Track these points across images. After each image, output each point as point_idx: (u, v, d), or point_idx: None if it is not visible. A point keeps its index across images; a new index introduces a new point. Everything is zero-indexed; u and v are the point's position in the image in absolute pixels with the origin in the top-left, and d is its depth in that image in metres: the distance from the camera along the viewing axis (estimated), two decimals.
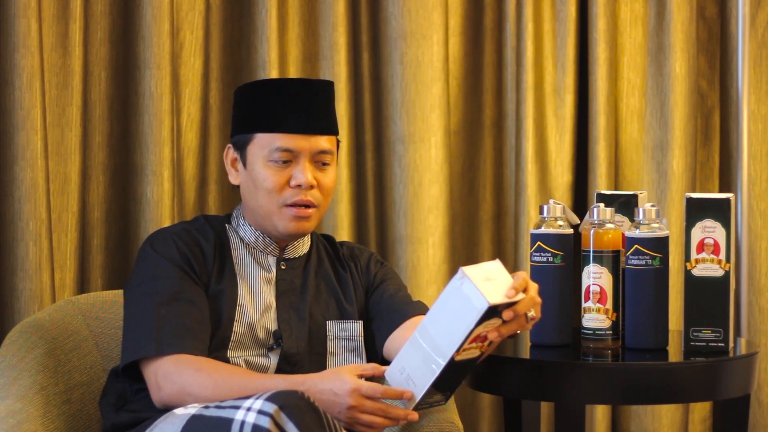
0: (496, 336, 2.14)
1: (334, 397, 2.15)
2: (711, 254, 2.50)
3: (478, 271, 2.10)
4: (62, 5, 2.84)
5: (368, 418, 2.15)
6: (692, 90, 3.24)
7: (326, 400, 2.14)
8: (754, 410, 3.27)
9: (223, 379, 2.22)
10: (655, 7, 3.26)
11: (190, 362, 2.24)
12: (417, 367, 2.13)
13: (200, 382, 2.21)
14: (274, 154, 2.36)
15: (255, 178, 2.38)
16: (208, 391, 2.20)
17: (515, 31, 3.25)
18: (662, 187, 3.24)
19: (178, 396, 2.22)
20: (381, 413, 2.16)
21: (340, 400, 2.14)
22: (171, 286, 2.32)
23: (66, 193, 2.85)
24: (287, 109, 2.37)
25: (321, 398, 2.14)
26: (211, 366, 2.25)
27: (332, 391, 2.15)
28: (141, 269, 2.37)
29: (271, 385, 2.15)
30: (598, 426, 3.24)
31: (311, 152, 2.38)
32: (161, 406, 2.24)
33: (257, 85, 2.44)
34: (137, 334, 2.28)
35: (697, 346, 2.51)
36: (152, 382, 2.25)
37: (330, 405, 2.14)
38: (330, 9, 3.10)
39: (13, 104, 2.73)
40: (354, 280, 2.50)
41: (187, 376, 2.23)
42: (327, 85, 2.44)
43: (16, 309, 2.74)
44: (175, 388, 2.22)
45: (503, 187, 3.31)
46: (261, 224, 2.43)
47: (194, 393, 2.21)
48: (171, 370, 2.23)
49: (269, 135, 2.37)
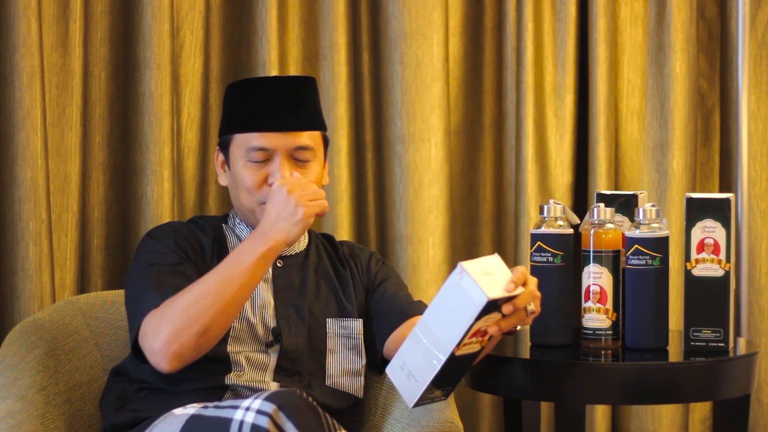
0: (496, 330, 2.14)
1: (281, 207, 2.25)
2: (711, 254, 2.50)
3: (477, 266, 2.10)
4: (62, 5, 2.85)
5: (312, 196, 2.26)
6: (692, 90, 3.24)
7: (277, 217, 2.24)
8: (754, 410, 3.27)
9: (197, 284, 2.23)
10: (655, 7, 3.26)
11: (165, 303, 2.23)
12: (418, 362, 2.13)
13: (180, 302, 2.21)
14: (251, 154, 2.38)
15: (236, 179, 2.41)
16: (191, 302, 2.20)
17: (515, 31, 3.25)
18: (662, 187, 3.24)
19: (173, 334, 2.19)
20: (317, 195, 2.27)
21: (284, 202, 2.24)
22: (168, 261, 2.34)
23: (66, 193, 2.85)
24: (261, 107, 2.39)
25: (275, 221, 2.24)
26: (184, 290, 2.25)
27: (275, 208, 2.25)
28: (138, 257, 2.39)
29: (238, 254, 2.24)
30: (598, 426, 3.24)
31: (287, 149, 2.39)
32: (171, 366, 2.21)
33: (235, 85, 2.47)
34: (141, 302, 2.28)
35: (697, 346, 2.51)
36: (148, 351, 2.23)
37: (284, 217, 2.24)
38: (330, 9, 3.10)
39: (13, 104, 2.73)
40: (354, 279, 2.51)
41: (169, 310, 2.21)
42: (305, 81, 2.45)
43: (16, 309, 2.74)
44: (166, 330, 2.20)
45: (503, 187, 3.31)
46: (250, 223, 2.44)
47: (184, 314, 2.19)
48: (155, 320, 2.22)
49: (246, 135, 2.39)
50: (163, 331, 2.21)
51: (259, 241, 2.25)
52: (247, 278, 2.24)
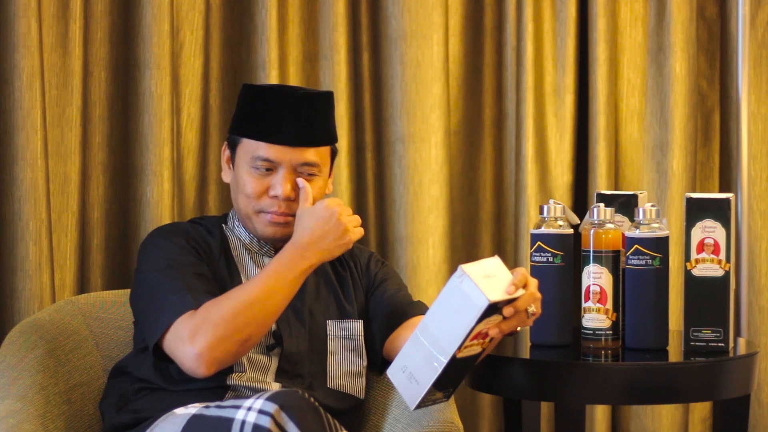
0: (497, 332, 2.14)
1: (329, 228, 2.29)
2: (711, 254, 2.50)
3: (478, 268, 2.10)
4: (62, 5, 2.84)
5: (356, 222, 2.32)
6: (692, 90, 3.24)
7: (323, 237, 2.29)
8: (754, 410, 3.27)
9: (239, 292, 2.25)
10: (655, 7, 3.26)
11: (204, 306, 2.24)
12: (419, 365, 2.13)
13: (224, 309, 2.22)
14: (256, 162, 2.38)
15: (238, 181, 2.41)
16: (234, 311, 2.22)
17: (515, 31, 3.25)
18: (662, 187, 3.24)
19: (217, 340, 2.20)
20: (359, 221, 2.34)
21: (334, 225, 2.29)
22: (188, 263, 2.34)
23: (66, 193, 2.85)
24: (275, 119, 2.37)
25: (320, 239, 2.29)
26: (222, 296, 2.27)
27: (322, 228, 2.29)
28: (150, 256, 2.37)
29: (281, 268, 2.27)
30: (598, 426, 3.24)
31: (293, 164, 2.38)
32: (209, 370, 2.21)
33: (255, 89, 2.45)
34: (167, 301, 2.27)
35: (697, 346, 2.51)
36: (182, 354, 2.22)
37: (331, 239, 2.29)
38: (330, 9, 3.10)
39: (13, 104, 2.72)
40: (354, 280, 2.51)
41: (212, 315, 2.22)
42: (323, 97, 2.43)
43: (16, 309, 2.74)
44: (209, 335, 2.20)
45: (503, 187, 3.31)
46: (245, 225, 2.44)
47: (228, 322, 2.21)
48: (193, 324, 2.22)
49: (254, 142, 2.39)
50: (205, 336, 2.21)
51: (302, 257, 2.28)
52: (288, 291, 2.28)
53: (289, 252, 2.29)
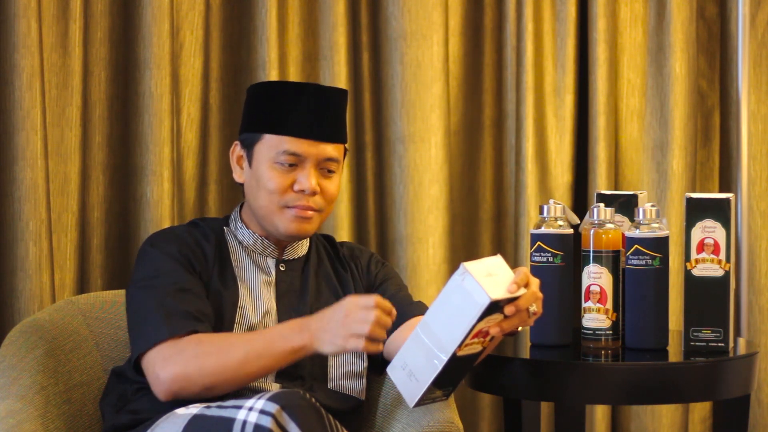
0: (497, 331, 2.14)
1: (342, 315, 2.12)
2: (711, 254, 2.50)
3: (480, 267, 2.10)
4: (62, 5, 2.84)
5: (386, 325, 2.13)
6: (692, 90, 3.24)
7: (341, 324, 2.12)
8: (754, 410, 3.27)
9: (227, 342, 2.20)
10: (655, 7, 3.26)
11: (189, 339, 2.22)
12: (419, 362, 2.13)
13: (203, 351, 2.19)
14: (281, 157, 2.36)
15: (259, 178, 2.38)
16: (212, 359, 2.18)
17: (515, 31, 3.25)
18: (662, 187, 3.24)
19: (181, 376, 2.18)
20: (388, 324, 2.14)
21: (362, 311, 2.11)
22: (174, 279, 2.32)
23: (66, 193, 2.85)
24: (299, 113, 2.37)
25: (329, 324, 2.13)
26: (213, 336, 2.23)
27: (336, 313, 2.13)
28: (142, 266, 2.37)
29: (275, 335, 2.17)
30: (598, 426, 3.24)
31: (317, 159, 2.38)
32: (166, 398, 2.21)
33: (271, 85, 2.45)
34: (146, 325, 2.26)
35: (697, 346, 2.51)
36: (151, 374, 2.22)
37: (348, 323, 2.11)
38: (330, 9, 3.10)
39: (13, 104, 2.72)
40: (354, 280, 2.50)
41: (189, 352, 2.20)
42: (340, 94, 2.44)
43: (16, 309, 2.74)
44: (176, 368, 2.19)
45: (503, 187, 3.31)
46: (261, 225, 2.43)
47: (200, 365, 2.18)
48: (170, 352, 2.21)
49: (278, 137, 2.37)
50: (171, 368, 2.20)
51: (300, 333, 2.19)
52: (272, 362, 2.20)
53: (293, 322, 2.22)
